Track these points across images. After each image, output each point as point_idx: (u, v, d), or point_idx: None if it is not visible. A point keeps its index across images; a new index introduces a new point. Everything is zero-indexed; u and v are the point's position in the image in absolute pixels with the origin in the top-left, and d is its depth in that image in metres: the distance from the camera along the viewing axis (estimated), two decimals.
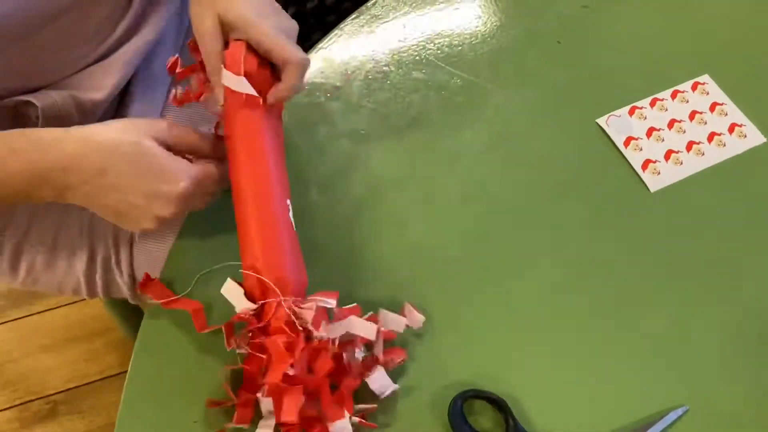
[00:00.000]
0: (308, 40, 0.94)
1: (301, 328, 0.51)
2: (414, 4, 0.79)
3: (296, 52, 0.57)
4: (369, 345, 0.56)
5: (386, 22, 0.78)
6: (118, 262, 0.74)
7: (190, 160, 0.57)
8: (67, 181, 0.53)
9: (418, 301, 0.60)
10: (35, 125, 0.64)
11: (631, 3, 0.78)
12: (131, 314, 1.03)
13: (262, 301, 0.52)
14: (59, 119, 0.65)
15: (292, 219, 0.57)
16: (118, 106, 0.74)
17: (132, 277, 0.75)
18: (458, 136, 0.70)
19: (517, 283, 0.61)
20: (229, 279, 0.54)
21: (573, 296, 0.60)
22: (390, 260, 0.63)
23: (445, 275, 0.62)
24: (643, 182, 0.66)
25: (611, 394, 0.56)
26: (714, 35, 0.76)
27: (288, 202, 0.57)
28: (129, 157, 0.54)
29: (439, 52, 0.75)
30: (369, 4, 0.80)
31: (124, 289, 0.77)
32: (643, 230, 0.64)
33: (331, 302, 0.54)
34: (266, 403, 0.52)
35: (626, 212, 0.65)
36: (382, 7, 0.79)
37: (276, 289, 0.52)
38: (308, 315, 0.51)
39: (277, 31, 0.56)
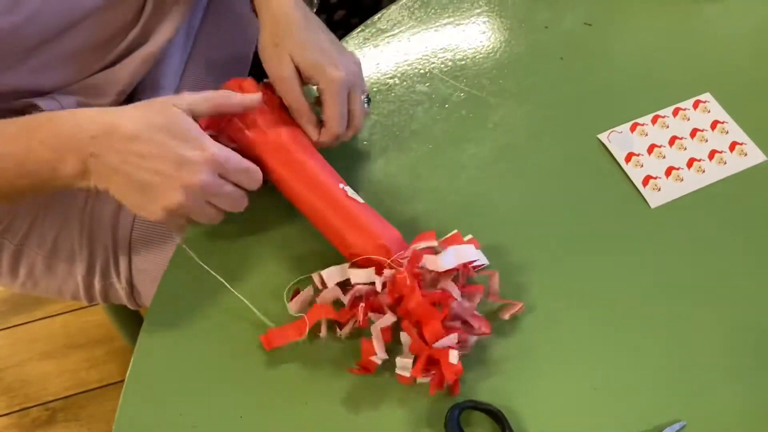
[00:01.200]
0: None
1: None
2: (419, 19, 0.80)
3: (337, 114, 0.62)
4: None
5: (391, 35, 0.79)
6: (116, 268, 0.75)
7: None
8: (94, 148, 0.52)
9: None
10: None
11: (634, 21, 0.79)
12: (132, 321, 1.03)
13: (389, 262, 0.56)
14: None
15: (354, 195, 0.61)
16: None
17: (130, 283, 0.76)
18: (461, 149, 0.70)
19: (515, 296, 0.61)
20: (345, 266, 0.58)
21: (570, 310, 0.60)
22: None
23: None
24: (644, 198, 0.66)
25: (609, 409, 0.56)
26: (716, 54, 0.76)
27: (341, 185, 0.61)
28: (160, 124, 0.53)
29: (442, 66, 0.76)
30: (375, 18, 0.81)
31: (122, 294, 0.77)
32: (642, 246, 0.64)
33: (433, 243, 0.58)
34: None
35: (626, 228, 0.65)
36: (388, 21, 0.80)
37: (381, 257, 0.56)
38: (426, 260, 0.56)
39: (342, 81, 0.61)
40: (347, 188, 0.61)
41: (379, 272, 0.56)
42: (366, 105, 0.67)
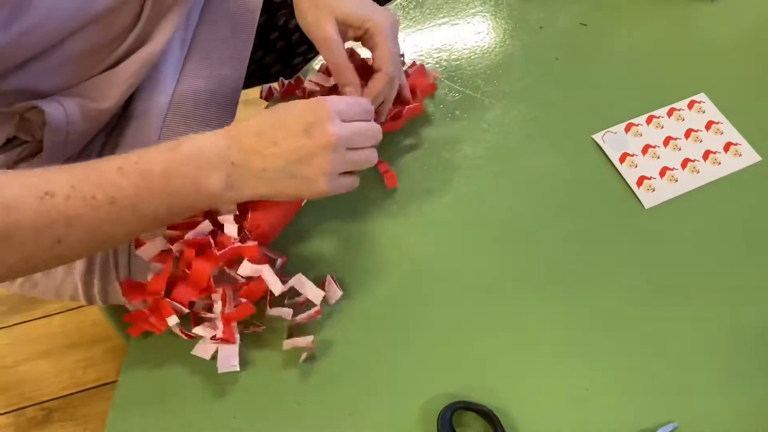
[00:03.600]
0: (313, 50, 0.95)
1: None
2: (414, 19, 0.80)
3: (389, 58, 0.62)
4: None
5: None
6: (116, 268, 0.75)
7: None
8: (234, 157, 0.54)
9: (409, 312, 0.60)
10: (40, 131, 0.65)
11: (629, 21, 0.79)
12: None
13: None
14: (65, 126, 0.65)
15: None
16: (119, 119, 0.74)
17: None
18: (455, 149, 0.70)
19: (509, 296, 0.61)
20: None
21: (564, 310, 0.60)
22: (382, 271, 0.63)
23: (437, 286, 0.62)
24: (638, 199, 0.66)
25: (601, 409, 0.56)
26: (711, 54, 0.76)
27: None
28: (271, 111, 0.56)
29: (437, 66, 0.76)
30: None
31: (121, 294, 0.77)
32: (636, 247, 0.64)
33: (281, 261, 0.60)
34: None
35: (620, 228, 0.65)
36: None
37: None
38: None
39: (392, 23, 0.63)
40: None
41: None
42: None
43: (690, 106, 0.73)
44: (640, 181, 0.67)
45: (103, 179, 0.50)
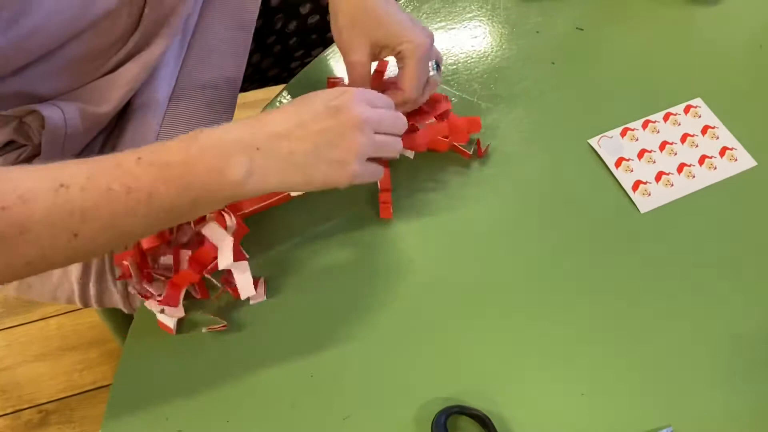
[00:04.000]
0: (309, 56, 0.95)
1: None
2: None
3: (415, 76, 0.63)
4: None
5: None
6: (112, 270, 0.75)
7: None
8: (258, 143, 0.52)
9: (404, 315, 0.60)
10: (38, 135, 0.65)
11: (626, 26, 0.79)
12: (126, 323, 1.03)
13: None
14: (63, 130, 0.65)
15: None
16: (117, 120, 0.75)
17: (125, 286, 0.76)
18: (451, 152, 0.70)
19: (505, 301, 0.61)
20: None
21: (560, 316, 0.61)
22: (378, 275, 0.63)
23: (432, 289, 0.62)
24: (634, 203, 0.66)
25: (596, 414, 0.56)
26: (707, 59, 0.76)
27: None
28: (298, 99, 0.55)
29: None
30: None
31: (117, 298, 0.77)
32: (631, 251, 0.64)
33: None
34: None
35: (615, 233, 0.65)
36: None
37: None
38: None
39: (424, 47, 0.63)
40: None
41: None
42: (436, 72, 0.67)
43: (686, 110, 0.73)
44: (636, 185, 0.67)
45: (120, 170, 0.49)
